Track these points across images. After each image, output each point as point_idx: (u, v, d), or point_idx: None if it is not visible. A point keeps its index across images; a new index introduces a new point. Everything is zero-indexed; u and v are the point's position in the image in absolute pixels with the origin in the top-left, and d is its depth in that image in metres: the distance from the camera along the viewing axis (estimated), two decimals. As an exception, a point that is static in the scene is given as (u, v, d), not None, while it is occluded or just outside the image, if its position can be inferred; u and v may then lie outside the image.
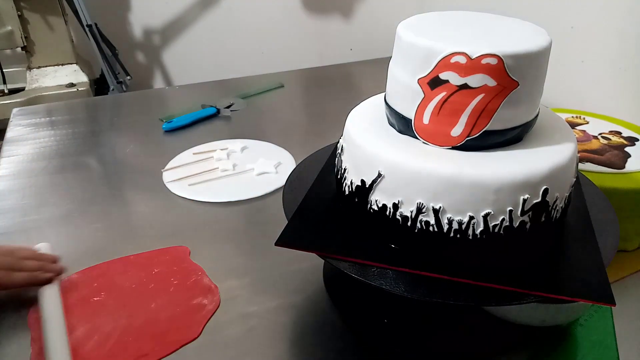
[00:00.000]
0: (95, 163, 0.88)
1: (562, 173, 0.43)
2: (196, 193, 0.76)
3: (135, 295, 0.57)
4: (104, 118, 1.09)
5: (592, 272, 0.42)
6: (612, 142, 0.70)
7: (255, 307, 0.56)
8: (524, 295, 0.40)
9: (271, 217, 0.70)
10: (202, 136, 0.94)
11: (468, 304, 0.40)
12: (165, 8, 1.79)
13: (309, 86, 1.27)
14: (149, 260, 0.62)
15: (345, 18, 1.71)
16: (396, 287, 0.41)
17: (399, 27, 0.46)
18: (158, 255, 0.63)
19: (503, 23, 0.48)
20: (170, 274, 0.59)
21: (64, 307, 0.55)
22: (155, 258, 0.62)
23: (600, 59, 0.88)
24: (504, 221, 0.41)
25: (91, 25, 1.56)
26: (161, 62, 1.89)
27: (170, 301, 0.55)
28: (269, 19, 1.78)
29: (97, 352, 0.50)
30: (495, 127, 0.43)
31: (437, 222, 0.42)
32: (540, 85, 0.46)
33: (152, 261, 0.57)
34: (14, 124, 1.01)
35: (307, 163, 0.60)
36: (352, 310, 0.55)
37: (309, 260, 0.57)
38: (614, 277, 0.60)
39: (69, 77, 1.65)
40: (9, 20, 1.54)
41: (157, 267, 0.58)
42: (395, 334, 0.52)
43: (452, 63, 0.41)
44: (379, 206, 0.44)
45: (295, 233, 0.47)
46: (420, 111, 0.44)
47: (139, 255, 0.63)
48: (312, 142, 0.68)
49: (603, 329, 0.52)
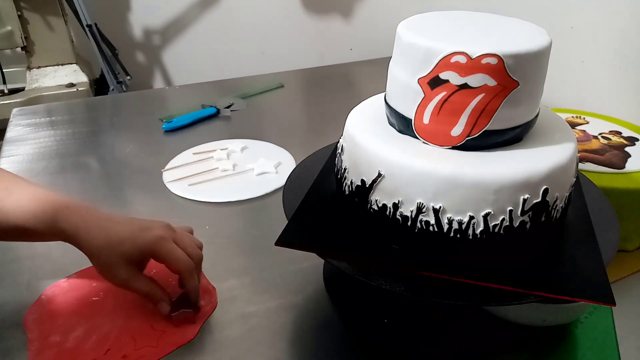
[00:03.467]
0: (95, 163, 0.88)
1: (562, 173, 0.43)
2: (196, 193, 0.76)
3: (134, 295, 0.56)
4: (104, 118, 1.09)
5: (592, 272, 0.42)
6: (612, 142, 0.70)
7: (255, 307, 0.56)
8: (524, 295, 0.40)
9: (271, 217, 0.70)
10: (202, 136, 0.94)
11: (468, 304, 0.40)
12: (165, 8, 1.79)
13: (309, 86, 1.27)
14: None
15: (345, 18, 1.71)
16: (396, 286, 0.41)
17: (399, 27, 0.46)
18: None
19: (503, 23, 0.48)
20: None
21: (63, 307, 0.55)
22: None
23: (600, 59, 0.88)
24: (504, 221, 0.41)
25: (91, 25, 1.56)
26: (161, 62, 1.89)
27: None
28: (269, 19, 1.78)
29: (96, 351, 0.50)
30: (495, 127, 0.43)
31: (437, 222, 0.42)
32: (540, 85, 0.46)
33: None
34: (14, 124, 1.01)
35: (307, 163, 0.60)
36: (352, 310, 0.55)
37: (309, 260, 0.58)
38: (614, 277, 0.60)
39: (68, 77, 1.65)
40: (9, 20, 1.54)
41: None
42: (395, 334, 0.51)
43: (452, 63, 0.41)
44: (379, 206, 0.44)
45: (295, 233, 0.47)
46: (420, 111, 0.44)
47: (138, 255, 0.63)
48: (312, 142, 0.68)
49: (603, 328, 0.52)
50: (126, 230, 0.52)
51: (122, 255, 0.51)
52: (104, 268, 0.51)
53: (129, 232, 0.52)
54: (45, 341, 0.51)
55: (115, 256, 0.50)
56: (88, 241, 0.50)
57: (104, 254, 0.51)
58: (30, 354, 0.50)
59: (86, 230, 0.51)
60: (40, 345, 0.51)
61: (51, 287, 0.58)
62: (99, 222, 0.52)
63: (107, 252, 0.50)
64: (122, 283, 0.52)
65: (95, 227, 0.51)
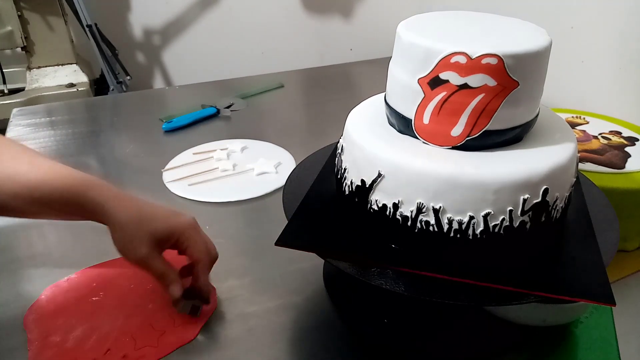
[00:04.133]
0: (95, 163, 0.88)
1: (562, 173, 0.43)
2: (196, 193, 0.76)
3: (134, 295, 0.57)
4: (104, 118, 1.09)
5: (592, 272, 0.42)
6: (612, 142, 0.70)
7: (255, 307, 0.56)
8: (524, 295, 0.40)
9: (271, 217, 0.70)
10: (202, 136, 0.94)
11: (468, 304, 0.40)
12: (165, 8, 1.78)
13: (309, 86, 1.27)
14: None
15: (345, 18, 1.71)
16: (396, 286, 0.41)
17: (399, 27, 0.46)
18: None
19: (503, 23, 0.48)
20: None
21: (63, 307, 0.55)
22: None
23: (600, 59, 0.88)
24: (504, 221, 0.41)
25: (91, 26, 1.56)
26: (161, 62, 1.89)
27: (167, 302, 0.55)
28: (269, 19, 1.77)
29: (96, 351, 0.50)
30: (495, 127, 0.43)
31: (437, 222, 0.42)
32: (540, 85, 0.46)
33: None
34: (14, 124, 1.01)
35: (307, 163, 0.60)
36: (352, 310, 0.55)
37: (309, 260, 0.57)
38: (614, 277, 0.60)
39: (69, 77, 1.64)
40: (9, 20, 1.54)
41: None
42: (395, 334, 0.51)
43: (452, 63, 0.41)
44: (379, 206, 0.44)
45: (295, 233, 0.47)
46: (420, 111, 0.44)
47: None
48: (312, 142, 0.68)
49: (604, 328, 0.52)
50: (158, 210, 0.52)
51: (149, 232, 0.50)
52: (128, 241, 0.50)
53: (161, 212, 0.52)
54: (45, 341, 0.51)
55: (143, 231, 0.50)
56: (118, 213, 0.50)
57: (132, 227, 0.50)
58: (30, 354, 0.50)
59: (117, 203, 0.50)
60: (40, 345, 0.51)
61: (51, 287, 0.58)
62: (130, 198, 0.52)
63: (136, 226, 0.50)
64: (140, 260, 0.51)
65: (127, 201, 0.51)
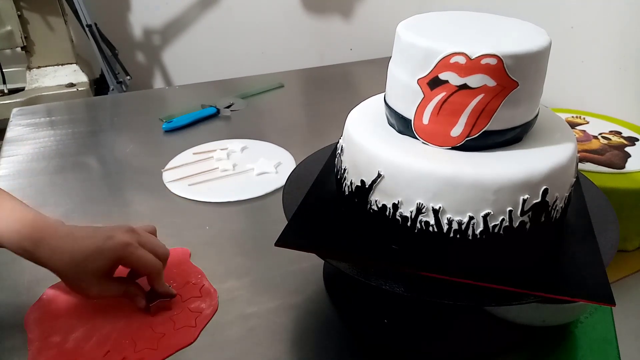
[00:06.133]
0: (95, 163, 0.88)
1: (562, 173, 0.43)
2: (196, 193, 0.76)
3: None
4: (104, 118, 1.09)
5: (592, 272, 0.42)
6: (612, 142, 0.70)
7: (255, 307, 0.56)
8: (524, 295, 0.40)
9: (271, 217, 0.70)
10: (202, 136, 0.94)
11: (468, 304, 0.40)
12: (165, 8, 1.78)
13: (309, 86, 1.27)
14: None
15: (345, 18, 1.71)
16: (396, 287, 0.41)
17: (399, 27, 0.46)
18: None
19: (503, 23, 0.48)
20: (170, 276, 0.58)
21: (64, 307, 0.55)
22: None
23: (600, 59, 0.88)
24: (503, 221, 0.41)
25: (91, 25, 1.56)
26: (161, 62, 1.89)
27: (167, 304, 0.55)
28: (269, 19, 1.77)
29: (96, 353, 0.50)
30: (495, 127, 0.43)
31: (437, 222, 0.42)
32: (540, 85, 0.46)
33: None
34: (13, 124, 1.01)
35: (307, 163, 0.60)
36: (352, 310, 0.55)
37: (309, 260, 0.58)
38: (614, 277, 0.60)
39: (68, 77, 1.64)
40: (9, 20, 1.54)
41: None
42: (395, 334, 0.52)
43: (451, 63, 0.41)
44: (379, 206, 0.44)
45: (295, 233, 0.47)
46: (420, 111, 0.44)
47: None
48: (312, 142, 0.68)
49: (604, 328, 0.52)
50: (89, 245, 0.51)
51: (91, 272, 0.51)
52: (76, 285, 0.52)
53: (93, 245, 0.51)
54: (45, 341, 0.51)
55: (85, 273, 0.51)
56: (56, 264, 0.50)
57: (72, 273, 0.51)
58: (31, 354, 0.50)
59: (52, 254, 0.50)
60: (40, 345, 0.51)
61: (52, 287, 0.58)
62: (64, 241, 0.51)
63: (74, 271, 0.50)
64: (96, 296, 0.53)
65: (59, 248, 0.51)
